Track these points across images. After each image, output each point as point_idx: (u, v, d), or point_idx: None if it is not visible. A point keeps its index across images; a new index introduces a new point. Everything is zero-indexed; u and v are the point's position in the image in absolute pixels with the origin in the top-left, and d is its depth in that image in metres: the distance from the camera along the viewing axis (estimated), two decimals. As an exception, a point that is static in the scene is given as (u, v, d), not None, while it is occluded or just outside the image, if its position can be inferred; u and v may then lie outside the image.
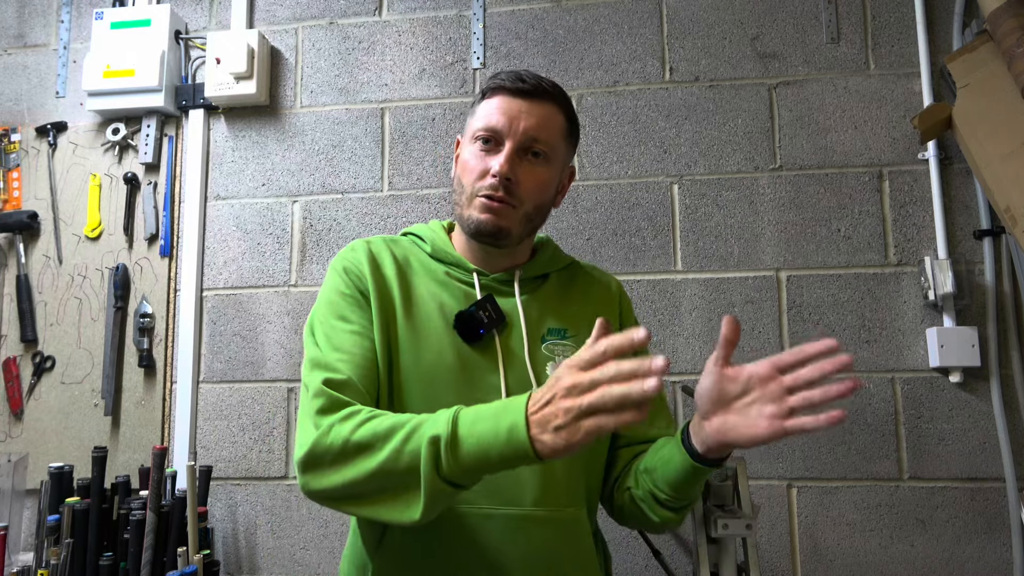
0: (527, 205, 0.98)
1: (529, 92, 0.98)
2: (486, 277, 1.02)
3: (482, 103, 1.00)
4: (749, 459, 1.62)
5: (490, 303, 0.99)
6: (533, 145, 0.97)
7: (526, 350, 0.98)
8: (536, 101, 0.98)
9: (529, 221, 1.00)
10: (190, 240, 1.88)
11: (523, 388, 0.94)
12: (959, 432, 1.59)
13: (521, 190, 0.97)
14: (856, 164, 1.71)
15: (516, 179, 0.96)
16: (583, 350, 0.73)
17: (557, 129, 1.00)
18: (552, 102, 1.00)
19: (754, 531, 1.23)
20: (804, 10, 1.78)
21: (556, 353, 0.99)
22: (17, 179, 1.96)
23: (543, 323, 1.02)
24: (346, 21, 1.94)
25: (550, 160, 1.00)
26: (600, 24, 1.84)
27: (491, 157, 0.97)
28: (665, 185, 1.76)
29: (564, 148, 1.03)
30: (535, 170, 0.98)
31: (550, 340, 1.00)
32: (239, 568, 1.76)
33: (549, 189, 1.01)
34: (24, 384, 1.87)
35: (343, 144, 1.89)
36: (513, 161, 0.96)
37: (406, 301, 0.99)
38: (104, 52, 1.90)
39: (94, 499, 1.56)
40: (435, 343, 0.96)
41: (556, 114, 1.00)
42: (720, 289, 1.70)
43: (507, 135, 0.96)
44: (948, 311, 1.60)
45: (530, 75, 0.99)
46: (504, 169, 0.95)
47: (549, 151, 0.99)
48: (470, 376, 0.95)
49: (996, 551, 1.55)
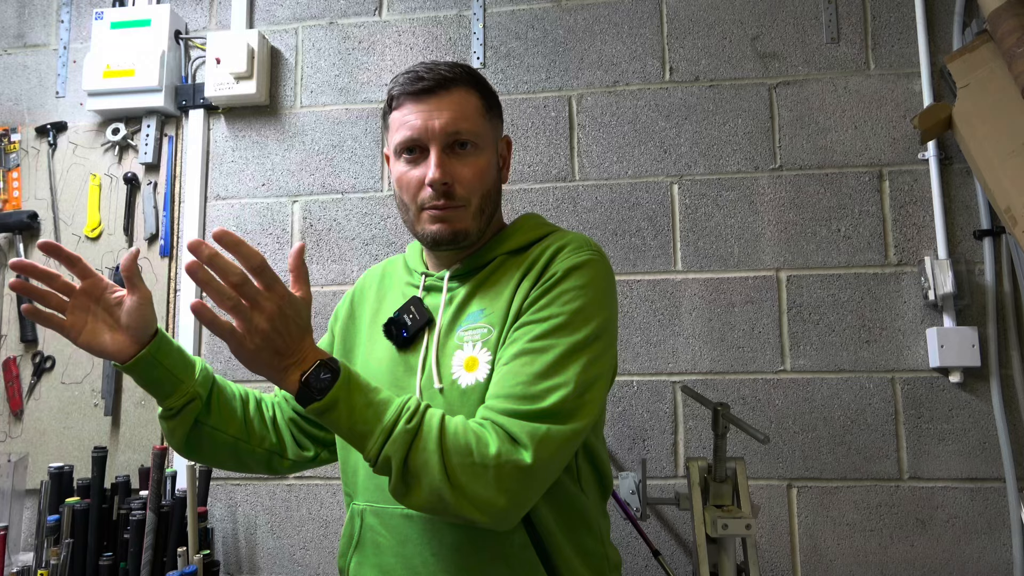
0: (474, 200, 0.94)
1: (432, 88, 0.93)
2: (431, 277, 1.01)
3: (392, 115, 0.96)
4: (749, 459, 1.62)
5: (414, 305, 0.97)
6: (457, 138, 0.93)
7: (435, 345, 0.93)
8: (442, 94, 0.93)
9: (481, 213, 0.96)
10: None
11: (429, 384, 0.92)
12: (959, 432, 1.59)
13: (461, 188, 0.93)
14: (856, 164, 1.71)
15: (453, 179, 0.92)
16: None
17: (474, 111, 0.95)
18: (459, 86, 0.95)
19: (754, 531, 1.23)
20: (804, 10, 1.78)
21: (465, 340, 0.92)
22: (17, 179, 1.96)
23: (465, 310, 0.95)
24: (346, 21, 1.94)
25: (479, 146, 0.95)
26: (600, 24, 1.84)
27: (421, 167, 0.93)
28: (665, 185, 1.76)
29: (488, 125, 0.98)
30: (468, 162, 0.94)
31: (464, 326, 0.93)
32: (239, 568, 1.76)
33: (489, 174, 0.97)
34: (24, 384, 1.87)
35: (343, 144, 1.89)
36: (443, 163, 0.92)
37: (373, 320, 1.03)
38: (104, 52, 1.90)
39: (94, 499, 1.56)
40: (379, 354, 0.98)
41: (468, 96, 0.95)
42: (720, 289, 1.70)
43: (428, 140, 0.92)
44: (948, 311, 1.60)
45: (427, 68, 0.94)
46: (437, 175, 0.91)
47: (474, 137, 0.94)
48: (397, 380, 0.95)
49: (996, 551, 1.55)
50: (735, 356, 1.68)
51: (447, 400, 0.89)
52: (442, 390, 0.90)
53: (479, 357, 0.90)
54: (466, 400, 0.88)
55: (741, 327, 1.68)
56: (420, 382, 0.92)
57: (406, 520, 0.90)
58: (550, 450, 0.80)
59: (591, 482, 0.99)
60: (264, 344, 0.76)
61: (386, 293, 1.06)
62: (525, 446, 0.79)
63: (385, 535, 0.92)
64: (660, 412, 1.68)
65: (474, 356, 0.90)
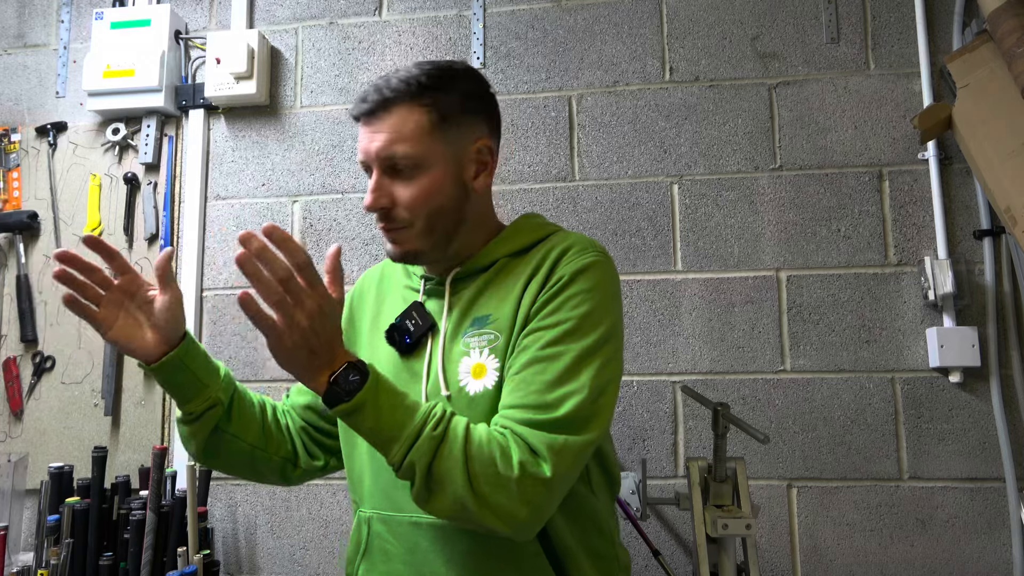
0: (418, 220, 0.91)
1: (372, 111, 0.91)
2: (431, 282, 0.99)
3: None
4: (749, 459, 1.62)
5: (416, 310, 0.96)
6: (392, 162, 0.90)
7: (440, 351, 0.92)
8: (382, 115, 0.90)
9: (431, 231, 0.92)
10: (190, 240, 1.88)
11: (436, 391, 0.91)
12: (959, 432, 1.59)
13: (402, 210, 0.91)
14: (856, 164, 1.71)
15: (392, 202, 0.91)
16: None
17: (414, 130, 0.90)
18: (400, 104, 0.90)
19: (754, 531, 1.23)
20: (804, 10, 1.78)
21: (472, 346, 0.90)
22: (17, 179, 1.96)
23: (469, 315, 0.93)
24: (346, 21, 1.94)
25: (420, 166, 0.90)
26: (600, 24, 1.84)
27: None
28: (665, 185, 1.76)
29: (436, 140, 0.91)
30: (408, 185, 0.91)
31: (470, 332, 0.91)
32: (239, 568, 1.76)
33: (437, 192, 0.92)
34: (24, 384, 1.87)
35: (343, 144, 1.89)
36: (380, 187, 0.90)
37: (374, 323, 1.03)
38: (104, 52, 1.90)
39: (94, 499, 1.56)
40: (380, 358, 0.97)
41: (408, 116, 0.90)
42: (720, 289, 1.70)
43: (371, 162, 0.92)
44: (948, 311, 1.60)
45: (373, 88, 0.91)
46: (368, 201, 0.91)
47: (412, 159, 0.90)
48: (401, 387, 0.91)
49: (996, 551, 1.55)
50: (735, 356, 1.68)
51: (455, 407, 0.88)
52: (449, 397, 0.89)
53: (487, 364, 0.89)
54: (474, 407, 0.87)
55: (741, 327, 1.68)
56: (426, 388, 0.91)
57: (415, 528, 0.90)
58: (568, 461, 0.80)
59: (601, 484, 0.98)
60: (302, 341, 0.77)
61: (385, 296, 1.05)
62: (544, 458, 0.79)
63: (393, 543, 0.92)
64: (660, 412, 1.68)
65: (482, 363, 0.89)
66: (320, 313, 0.77)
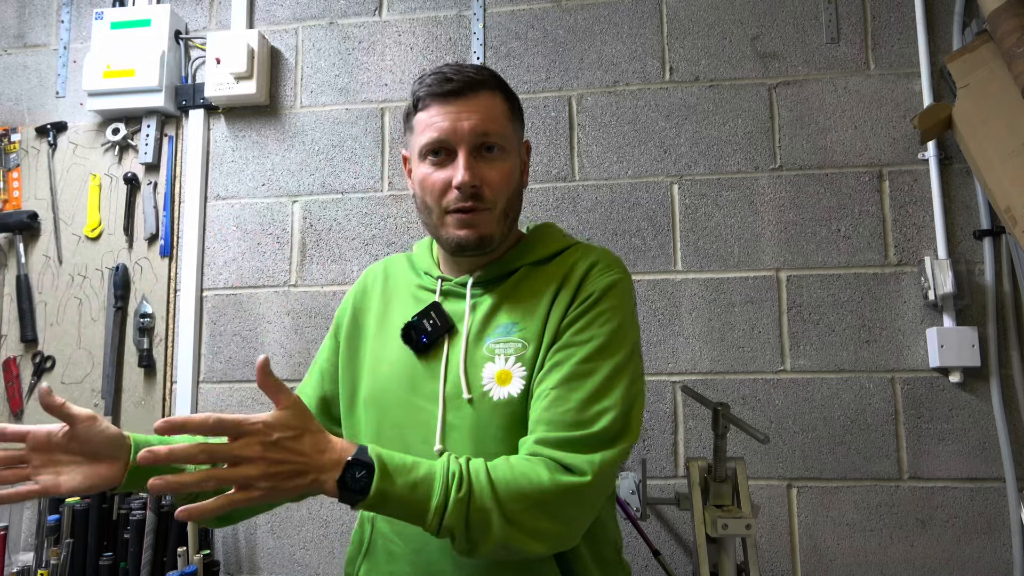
0: (500, 203, 0.94)
1: (461, 89, 0.92)
2: (448, 283, 0.99)
3: (418, 116, 0.95)
4: (749, 459, 1.62)
5: (435, 310, 0.96)
6: (485, 141, 0.92)
7: (461, 354, 0.92)
8: (471, 96, 0.92)
9: (506, 217, 0.95)
10: (190, 240, 1.88)
11: (456, 394, 0.91)
12: (959, 432, 1.59)
13: (489, 191, 0.92)
14: (856, 164, 1.71)
15: (481, 181, 0.91)
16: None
17: (501, 115, 0.94)
18: (486, 89, 0.94)
19: (754, 531, 1.23)
20: (804, 10, 1.78)
21: (497, 353, 0.91)
22: (17, 179, 1.96)
23: (493, 321, 0.94)
24: (346, 21, 1.94)
25: (506, 149, 0.94)
26: (600, 24, 1.84)
27: (447, 169, 0.92)
28: (665, 185, 1.76)
29: (513, 129, 0.97)
30: (496, 165, 0.93)
31: (495, 338, 0.92)
32: (239, 568, 1.76)
33: (514, 177, 0.96)
34: (24, 384, 1.87)
35: (343, 144, 1.89)
36: (472, 166, 0.91)
37: (380, 322, 1.02)
38: (104, 52, 1.90)
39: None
40: (391, 357, 0.97)
41: (495, 100, 0.94)
42: (720, 289, 1.70)
43: (456, 142, 0.91)
44: (948, 311, 1.60)
45: (455, 70, 0.93)
46: (467, 178, 0.90)
47: (502, 140, 0.93)
48: (415, 386, 0.94)
49: (996, 551, 1.55)
50: (735, 356, 1.68)
51: (476, 410, 0.88)
52: (471, 400, 0.89)
53: (513, 371, 0.90)
54: (496, 412, 0.88)
55: (741, 327, 1.69)
56: (443, 390, 0.91)
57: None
58: (604, 475, 0.82)
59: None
60: (276, 482, 0.72)
61: (392, 295, 1.04)
62: (582, 473, 0.80)
63: (399, 543, 0.91)
64: (660, 412, 1.68)
65: (507, 370, 0.90)
66: (272, 447, 0.72)
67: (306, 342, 1.81)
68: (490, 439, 0.88)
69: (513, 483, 0.79)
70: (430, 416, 0.91)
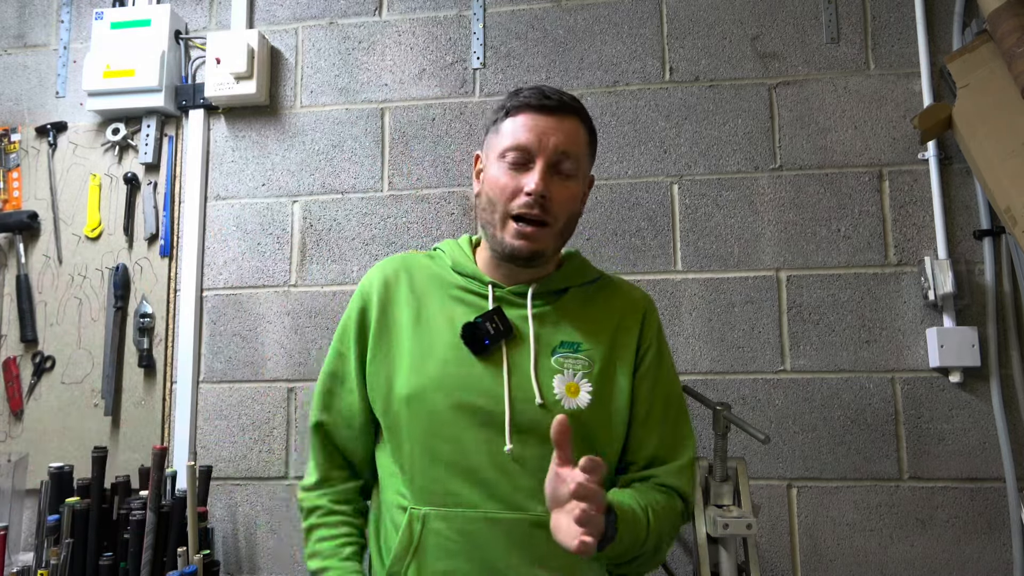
0: (560, 221, 1.00)
1: (555, 108, 0.99)
2: (501, 290, 1.03)
3: (507, 120, 1.01)
4: (749, 459, 1.62)
5: (498, 315, 1.00)
6: (563, 160, 0.98)
7: (532, 361, 0.98)
8: (562, 117, 0.99)
9: (561, 237, 1.02)
10: (190, 240, 1.88)
11: (526, 398, 0.96)
12: (959, 432, 1.59)
13: (555, 206, 0.98)
14: (856, 164, 1.71)
15: (550, 196, 0.97)
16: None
17: (582, 143, 1.02)
18: (575, 116, 1.01)
19: (754, 531, 1.23)
20: (804, 10, 1.78)
21: (566, 367, 0.99)
22: (17, 179, 1.96)
23: (556, 336, 1.02)
24: (346, 21, 1.94)
25: (577, 175, 1.01)
26: (600, 24, 1.84)
27: (522, 175, 0.98)
28: (665, 185, 1.76)
29: (587, 160, 1.05)
30: (566, 185, 0.99)
31: (561, 353, 1.00)
32: (239, 568, 1.76)
33: (578, 202, 1.03)
34: (24, 384, 1.87)
35: (343, 144, 1.89)
36: (546, 178, 0.97)
37: (416, 318, 1.03)
38: (104, 52, 1.90)
39: (94, 499, 1.56)
40: (441, 354, 0.99)
41: (580, 128, 1.01)
42: (720, 289, 1.70)
43: (537, 152, 0.97)
44: (948, 311, 1.60)
45: (553, 91, 1.00)
46: (540, 187, 0.95)
47: (577, 166, 1.00)
48: (474, 385, 0.97)
49: (996, 551, 1.55)
50: (735, 356, 1.68)
51: (549, 416, 0.93)
52: (543, 405, 0.96)
53: (580, 385, 0.99)
54: (569, 420, 0.96)
55: (741, 327, 1.69)
56: (509, 391, 0.96)
57: (491, 524, 0.94)
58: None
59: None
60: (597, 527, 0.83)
61: (425, 292, 1.06)
62: (687, 494, 1.03)
63: (456, 539, 0.94)
64: (660, 412, 1.68)
65: (575, 383, 0.99)
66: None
67: (306, 342, 1.81)
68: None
69: (668, 512, 0.99)
70: (492, 416, 0.96)
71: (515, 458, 0.95)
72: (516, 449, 0.94)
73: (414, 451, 0.98)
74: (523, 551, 0.93)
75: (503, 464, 0.95)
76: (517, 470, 0.95)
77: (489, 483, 0.94)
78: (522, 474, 0.95)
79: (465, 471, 0.95)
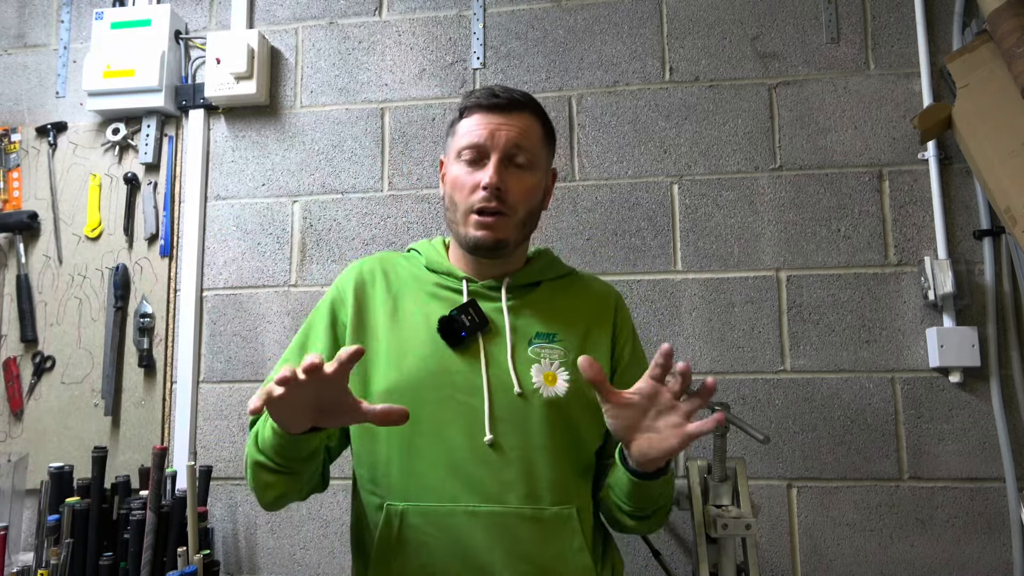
0: (519, 211, 1.03)
1: (504, 106, 1.03)
2: (475, 284, 1.07)
3: (461, 122, 1.06)
4: (749, 459, 1.62)
5: (472, 307, 1.03)
6: (517, 154, 1.03)
7: (509, 351, 1.01)
8: (512, 113, 1.04)
9: (523, 227, 1.06)
10: (190, 240, 1.88)
11: (504, 388, 0.99)
12: (959, 432, 1.59)
13: (512, 197, 1.02)
14: (856, 164, 1.71)
15: (506, 188, 1.01)
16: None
17: (536, 137, 1.06)
18: (527, 112, 1.06)
19: (754, 531, 1.23)
20: (804, 10, 1.78)
21: (543, 356, 1.02)
22: (17, 179, 1.96)
23: (531, 327, 1.05)
24: (346, 21, 1.94)
25: (534, 167, 1.05)
26: (600, 24, 1.84)
27: (478, 171, 1.02)
28: (665, 185, 1.76)
29: (544, 154, 1.08)
30: (521, 177, 1.03)
31: (538, 343, 1.04)
32: (239, 568, 1.76)
33: (537, 194, 1.07)
34: (24, 384, 1.87)
35: (343, 144, 1.89)
36: (500, 171, 1.01)
37: (392, 316, 1.05)
38: (104, 52, 1.90)
39: (94, 499, 1.56)
40: (419, 350, 1.01)
41: (533, 123, 1.06)
42: (720, 289, 1.70)
43: (491, 148, 1.02)
44: (948, 311, 1.60)
45: (503, 89, 1.05)
46: (493, 180, 0.99)
47: (532, 158, 1.04)
48: (453, 378, 0.99)
49: (996, 551, 1.55)
50: (735, 356, 1.68)
51: (526, 404, 0.99)
52: (521, 395, 0.99)
53: (558, 374, 1.02)
54: (545, 408, 0.99)
55: (741, 327, 1.69)
56: (488, 381, 0.99)
57: (472, 518, 0.94)
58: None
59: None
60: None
61: (401, 290, 1.08)
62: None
63: (434, 534, 0.95)
64: (660, 412, 1.68)
65: (552, 372, 1.02)
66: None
67: (306, 342, 1.81)
68: (536, 432, 0.98)
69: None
70: (471, 408, 0.98)
71: (495, 448, 0.96)
72: (496, 439, 0.97)
73: (391, 447, 0.99)
74: (506, 545, 0.94)
75: (484, 456, 0.96)
76: (497, 461, 0.96)
77: (470, 476, 0.96)
78: (502, 465, 0.96)
79: (445, 465, 0.96)
